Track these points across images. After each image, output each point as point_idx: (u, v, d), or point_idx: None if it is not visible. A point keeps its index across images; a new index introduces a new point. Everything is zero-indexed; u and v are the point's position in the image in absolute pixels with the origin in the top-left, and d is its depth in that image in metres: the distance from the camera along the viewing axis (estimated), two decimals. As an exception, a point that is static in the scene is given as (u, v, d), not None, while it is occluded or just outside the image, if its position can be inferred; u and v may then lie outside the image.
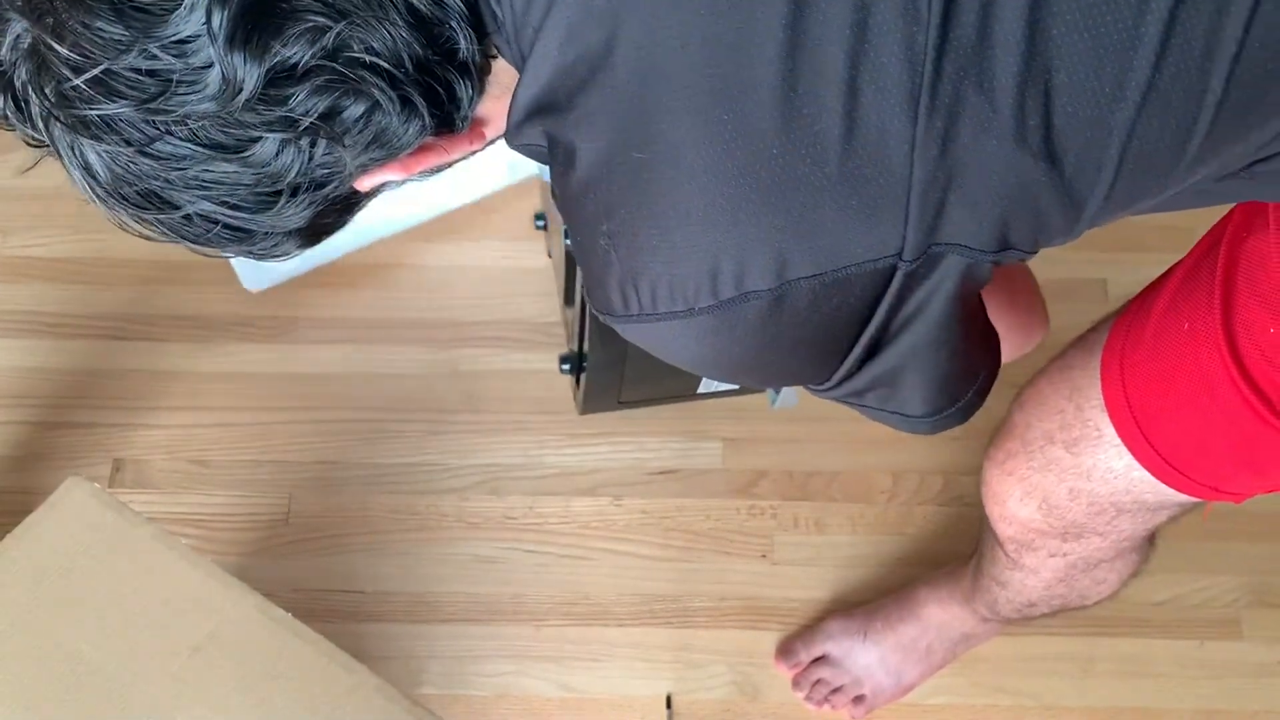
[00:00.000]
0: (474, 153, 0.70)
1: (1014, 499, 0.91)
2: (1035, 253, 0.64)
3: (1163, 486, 0.80)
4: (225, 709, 0.91)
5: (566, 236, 1.16)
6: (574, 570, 1.37)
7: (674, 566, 1.38)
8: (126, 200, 0.62)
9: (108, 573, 0.95)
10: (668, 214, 0.60)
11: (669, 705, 1.30)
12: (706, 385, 1.38)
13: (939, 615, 1.23)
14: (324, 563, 1.37)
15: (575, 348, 1.34)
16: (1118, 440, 0.80)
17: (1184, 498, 0.81)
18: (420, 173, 0.68)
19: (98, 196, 0.63)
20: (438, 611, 1.35)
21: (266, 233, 0.64)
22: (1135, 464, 0.80)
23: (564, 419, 1.45)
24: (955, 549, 1.33)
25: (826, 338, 0.65)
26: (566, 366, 1.37)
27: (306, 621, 0.96)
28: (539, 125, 0.62)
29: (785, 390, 1.35)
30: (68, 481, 1.00)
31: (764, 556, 1.38)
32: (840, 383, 0.70)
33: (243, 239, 0.64)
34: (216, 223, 0.62)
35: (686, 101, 0.57)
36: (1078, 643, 1.33)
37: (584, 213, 0.64)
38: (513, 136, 0.64)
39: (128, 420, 1.45)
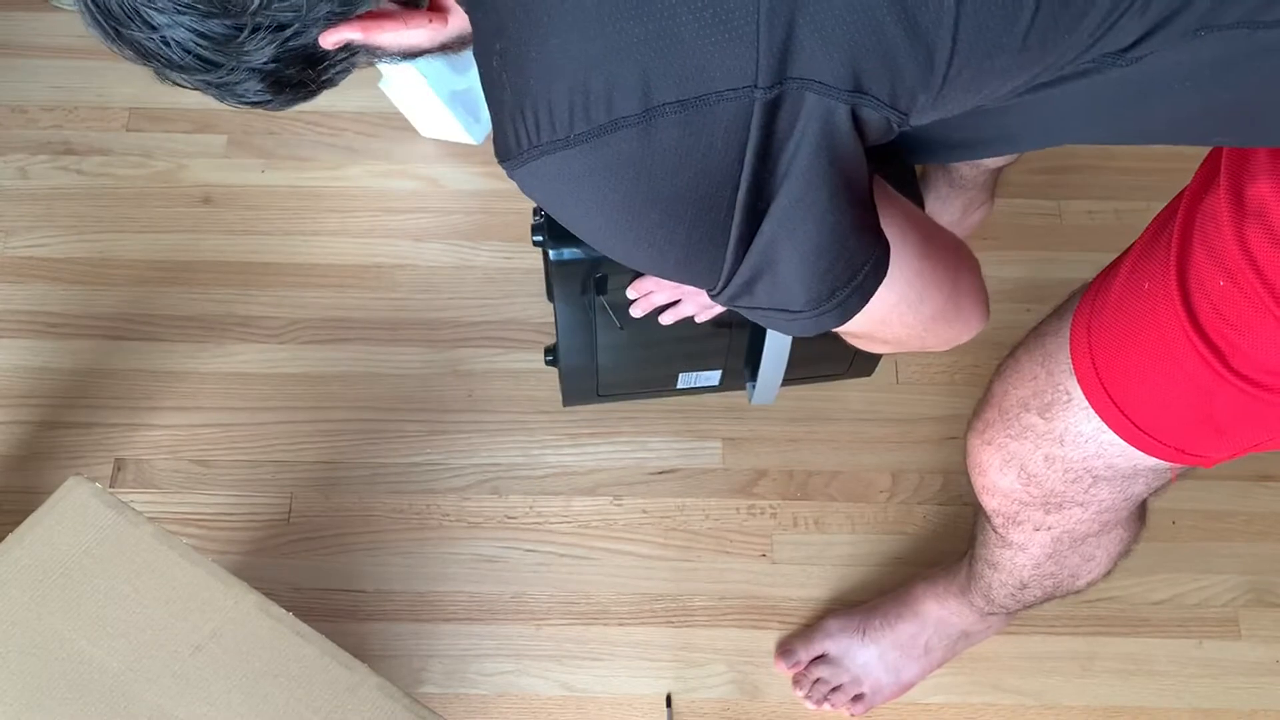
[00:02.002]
0: (445, 47, 0.74)
1: (994, 468, 0.93)
2: (899, 112, 0.65)
3: (1131, 449, 0.82)
4: (226, 707, 0.91)
5: (537, 214, 1.19)
6: (574, 570, 1.37)
7: (674, 566, 1.38)
8: (113, 15, 0.67)
9: (109, 572, 0.96)
10: (542, 20, 0.63)
11: (669, 704, 1.30)
12: (685, 380, 1.38)
13: (937, 612, 1.23)
14: (325, 562, 1.37)
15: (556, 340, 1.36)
16: (1086, 403, 0.82)
17: (1155, 461, 0.83)
18: (386, 52, 0.73)
19: (91, 13, 0.68)
20: (438, 611, 1.35)
21: (232, 67, 0.69)
22: (1104, 427, 0.82)
23: (564, 419, 1.45)
24: (954, 548, 1.33)
25: (704, 194, 0.67)
26: (550, 358, 1.38)
27: (307, 621, 0.96)
28: None
29: (760, 383, 1.35)
30: (69, 481, 1.00)
31: (764, 556, 1.39)
32: (732, 273, 0.71)
33: (211, 69, 0.69)
34: (189, 50, 0.67)
35: None
36: (1077, 642, 1.34)
37: (483, 38, 0.68)
38: None
39: (129, 420, 1.45)
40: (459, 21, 0.73)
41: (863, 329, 0.79)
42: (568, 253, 1.16)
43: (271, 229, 1.59)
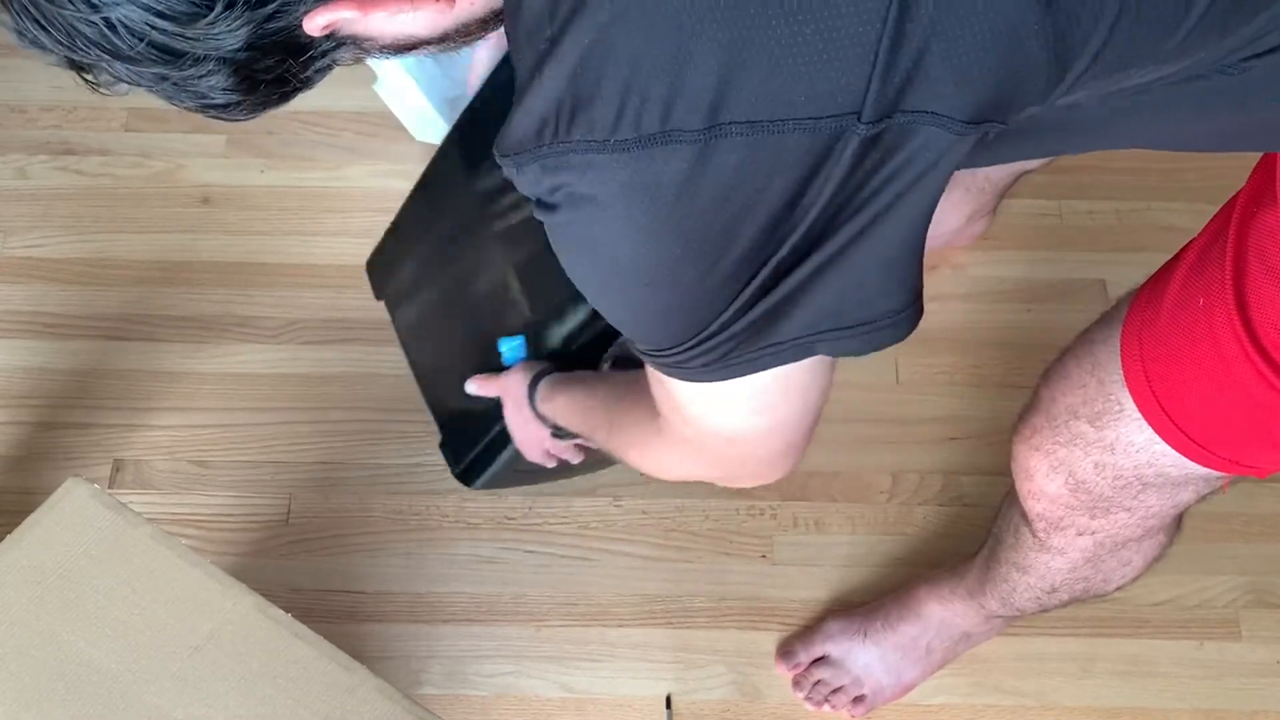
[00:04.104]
0: (444, 38, 0.64)
1: (1041, 473, 0.92)
2: (1003, 125, 0.57)
3: (1184, 460, 0.81)
4: (224, 709, 0.90)
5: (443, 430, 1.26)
6: (574, 570, 1.37)
7: (674, 567, 1.38)
8: None
9: (108, 573, 0.95)
10: (604, 5, 0.54)
11: (669, 705, 1.30)
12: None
13: (939, 613, 1.23)
14: (324, 563, 1.37)
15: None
16: (1139, 414, 0.81)
17: (1207, 471, 0.82)
18: (378, 43, 0.63)
19: None
20: (438, 612, 1.35)
21: (197, 57, 0.56)
22: (1157, 438, 0.81)
23: (564, 419, 1.45)
24: (955, 549, 1.33)
25: (741, 236, 0.58)
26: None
27: (306, 622, 0.96)
28: None
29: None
30: (68, 482, 1.00)
31: (763, 557, 1.38)
32: (724, 327, 0.62)
33: (169, 60, 0.57)
34: (141, 37, 0.55)
35: None
36: (1078, 643, 1.33)
37: (527, 21, 0.58)
38: None
39: (128, 421, 1.45)
40: (466, 6, 0.63)
41: (758, 397, 0.70)
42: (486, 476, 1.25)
43: (271, 229, 1.59)
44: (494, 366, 1.24)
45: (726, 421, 0.73)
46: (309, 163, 1.65)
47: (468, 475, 1.32)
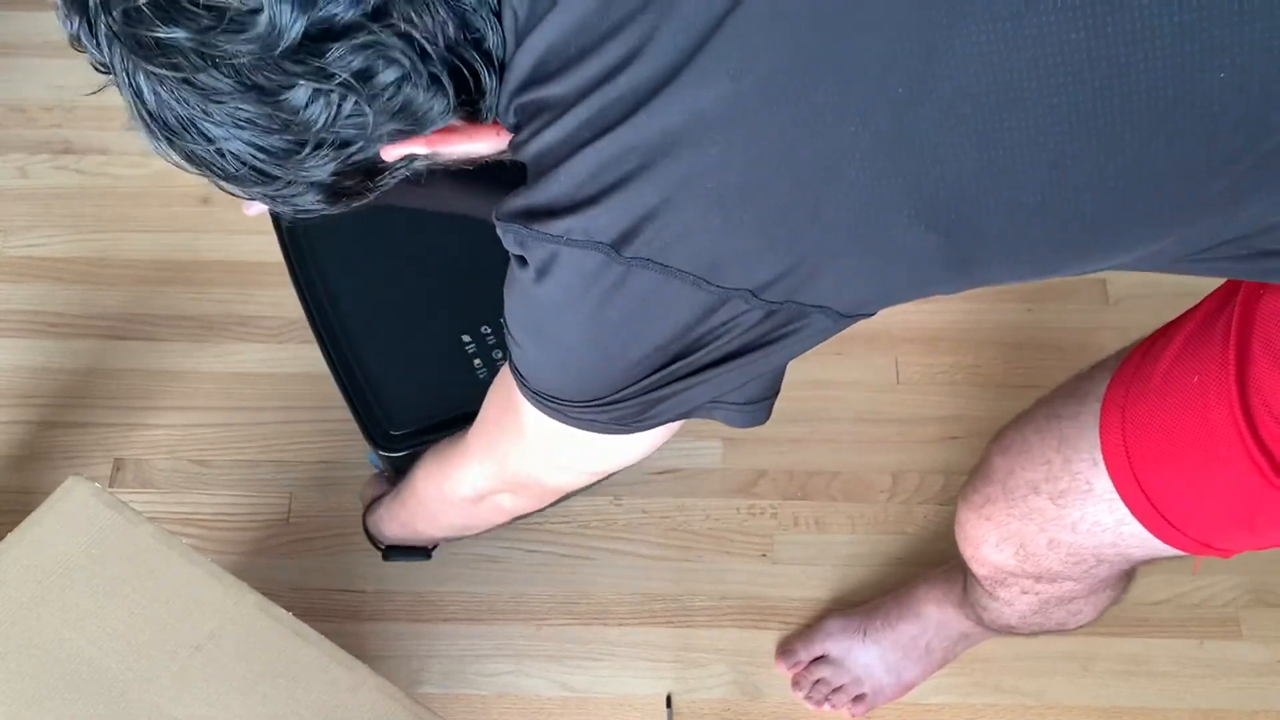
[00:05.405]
0: (504, 152, 0.72)
1: (989, 544, 0.91)
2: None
3: (1153, 540, 0.79)
4: (226, 708, 0.90)
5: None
6: (574, 570, 1.37)
7: (674, 566, 1.38)
8: (168, 126, 0.66)
9: (108, 573, 0.95)
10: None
11: (669, 705, 1.30)
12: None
13: (937, 614, 1.23)
14: (325, 562, 1.37)
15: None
16: (1110, 494, 0.79)
17: (1172, 550, 0.80)
18: (447, 160, 0.72)
19: (143, 121, 0.67)
20: (438, 611, 1.35)
21: (290, 180, 0.68)
22: (1126, 518, 0.79)
23: (564, 419, 1.45)
24: (955, 549, 1.32)
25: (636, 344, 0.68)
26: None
27: (307, 621, 0.96)
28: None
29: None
30: (68, 481, 1.00)
31: (764, 556, 1.38)
32: (625, 398, 0.72)
33: (267, 182, 0.68)
34: (245, 163, 0.66)
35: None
36: (1078, 642, 1.33)
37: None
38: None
39: (128, 420, 1.45)
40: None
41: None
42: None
43: (271, 229, 1.59)
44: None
45: (577, 456, 0.84)
46: (309, 162, 1.64)
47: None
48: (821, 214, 0.60)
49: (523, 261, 0.67)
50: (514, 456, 0.88)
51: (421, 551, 1.30)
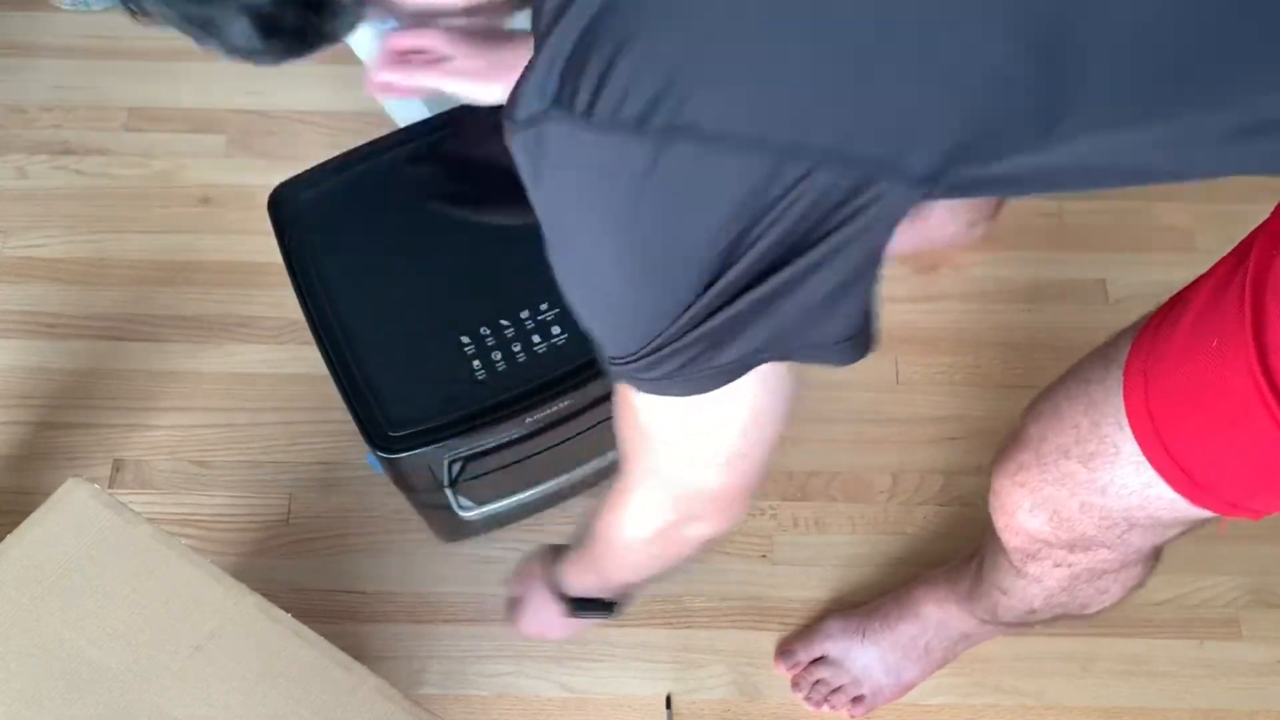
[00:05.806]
0: (469, 9, 0.64)
1: (1023, 510, 0.91)
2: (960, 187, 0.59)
3: (1181, 502, 0.80)
4: (225, 708, 0.90)
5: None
6: (574, 570, 1.37)
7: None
8: None
9: (108, 573, 0.95)
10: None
11: (669, 705, 1.30)
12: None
13: (937, 614, 1.23)
14: (324, 563, 1.37)
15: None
16: (1137, 456, 0.80)
17: (1200, 513, 0.81)
18: (404, 8, 0.63)
19: None
20: (438, 612, 1.35)
21: (223, 3, 0.60)
22: (1153, 480, 0.80)
23: (564, 419, 1.45)
24: (955, 549, 1.33)
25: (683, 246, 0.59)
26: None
27: (307, 622, 0.96)
28: None
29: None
30: (68, 482, 1.00)
31: (764, 556, 1.38)
32: (677, 335, 0.62)
33: (198, 2, 0.61)
34: None
35: None
36: (1078, 643, 1.33)
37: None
38: None
39: (128, 420, 1.45)
40: None
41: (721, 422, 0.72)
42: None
43: (271, 229, 1.59)
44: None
45: (696, 447, 0.75)
46: (309, 162, 1.64)
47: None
48: (888, 31, 0.52)
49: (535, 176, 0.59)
50: (648, 464, 0.79)
51: (605, 606, 1.14)
